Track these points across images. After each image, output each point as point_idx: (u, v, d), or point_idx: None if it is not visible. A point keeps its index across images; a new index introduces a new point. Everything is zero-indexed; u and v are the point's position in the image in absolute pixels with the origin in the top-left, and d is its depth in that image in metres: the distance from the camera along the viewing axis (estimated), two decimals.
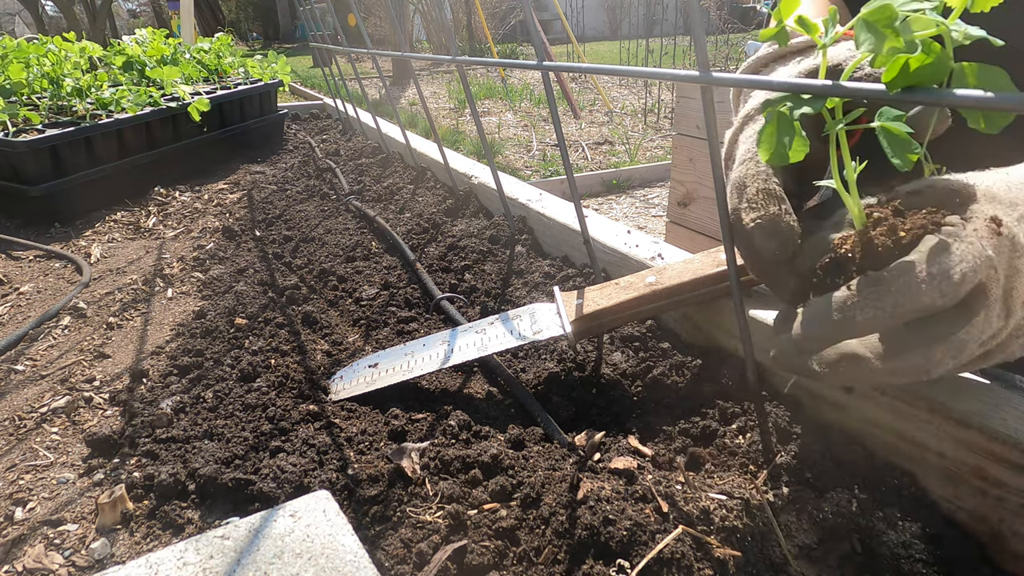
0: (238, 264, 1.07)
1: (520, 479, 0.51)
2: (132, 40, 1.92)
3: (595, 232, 0.85)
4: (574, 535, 0.46)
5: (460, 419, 0.60)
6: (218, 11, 15.68)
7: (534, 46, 0.68)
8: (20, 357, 0.83)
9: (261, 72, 2.09)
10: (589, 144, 5.82)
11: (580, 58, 8.28)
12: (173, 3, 10.70)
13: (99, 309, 0.96)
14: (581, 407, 0.63)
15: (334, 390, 0.69)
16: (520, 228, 1.02)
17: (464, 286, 0.90)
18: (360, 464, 0.56)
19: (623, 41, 10.21)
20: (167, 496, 0.55)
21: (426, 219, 1.14)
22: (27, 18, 14.88)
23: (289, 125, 2.30)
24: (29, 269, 1.15)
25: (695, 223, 2.47)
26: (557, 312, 0.66)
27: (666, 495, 0.50)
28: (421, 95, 1.19)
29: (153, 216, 1.40)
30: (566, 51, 10.41)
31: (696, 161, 2.37)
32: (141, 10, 17.64)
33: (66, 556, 0.52)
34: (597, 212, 1.87)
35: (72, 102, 1.53)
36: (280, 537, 0.45)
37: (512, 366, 0.72)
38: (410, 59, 1.13)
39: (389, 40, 10.65)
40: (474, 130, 6.31)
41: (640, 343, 0.71)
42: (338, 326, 0.85)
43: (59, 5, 10.90)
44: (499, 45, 11.90)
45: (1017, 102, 0.28)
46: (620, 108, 7.34)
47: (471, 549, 0.46)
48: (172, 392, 0.70)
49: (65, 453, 0.64)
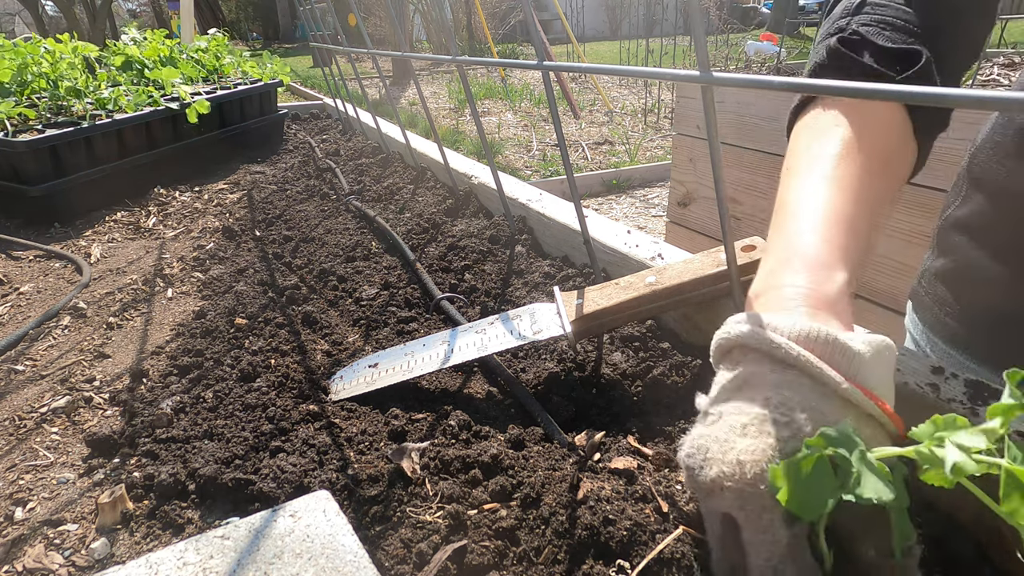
0: (238, 264, 1.07)
1: (520, 479, 0.51)
2: (130, 38, 1.92)
3: (595, 232, 0.85)
4: (574, 535, 0.46)
5: (460, 419, 0.60)
6: (218, 11, 15.69)
7: (534, 46, 0.68)
8: (20, 357, 0.83)
9: (260, 72, 2.09)
10: (589, 144, 5.82)
11: (580, 58, 8.28)
12: (173, 3, 10.70)
13: (99, 309, 0.96)
14: (581, 407, 0.63)
15: (334, 390, 0.69)
16: (520, 228, 1.02)
17: (464, 286, 0.90)
18: (360, 464, 0.56)
19: (623, 41, 10.22)
20: (167, 496, 0.55)
21: (426, 219, 1.14)
22: (27, 18, 14.88)
23: (289, 125, 2.30)
24: (29, 269, 1.15)
25: (695, 223, 2.47)
26: (557, 312, 0.66)
27: (666, 495, 0.50)
28: (421, 95, 1.19)
29: (153, 216, 1.40)
30: (566, 51, 10.41)
31: (696, 161, 2.37)
32: (141, 10, 17.65)
33: (66, 556, 0.52)
34: (597, 212, 1.87)
35: (71, 102, 1.53)
36: (280, 537, 0.45)
37: (512, 366, 0.72)
38: (410, 59, 1.13)
39: (389, 40, 10.65)
40: (474, 130, 6.31)
41: (640, 343, 0.71)
42: (338, 326, 0.85)
43: (59, 5, 10.90)
44: (499, 45, 11.90)
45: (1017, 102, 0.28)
46: (620, 108, 7.34)
47: (471, 549, 0.46)
48: (172, 392, 0.70)
49: (65, 453, 0.64)
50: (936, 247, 0.79)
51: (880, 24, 0.56)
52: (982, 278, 0.70)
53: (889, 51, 0.54)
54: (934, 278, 0.78)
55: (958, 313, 0.74)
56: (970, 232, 0.72)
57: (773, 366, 0.39)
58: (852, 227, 0.46)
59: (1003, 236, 0.68)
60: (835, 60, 0.56)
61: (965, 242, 0.73)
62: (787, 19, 7.39)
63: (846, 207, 0.47)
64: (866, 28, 0.56)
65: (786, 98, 0.58)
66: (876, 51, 0.55)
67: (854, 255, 0.46)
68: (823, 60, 0.57)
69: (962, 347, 0.74)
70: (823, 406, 0.37)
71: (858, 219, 0.47)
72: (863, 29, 0.56)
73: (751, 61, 6.40)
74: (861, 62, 0.54)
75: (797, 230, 0.47)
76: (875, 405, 0.37)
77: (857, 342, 0.39)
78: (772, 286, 0.44)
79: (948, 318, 0.75)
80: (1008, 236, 0.68)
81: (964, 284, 0.73)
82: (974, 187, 0.72)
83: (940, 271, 0.77)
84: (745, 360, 0.40)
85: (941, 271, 0.77)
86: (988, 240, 0.70)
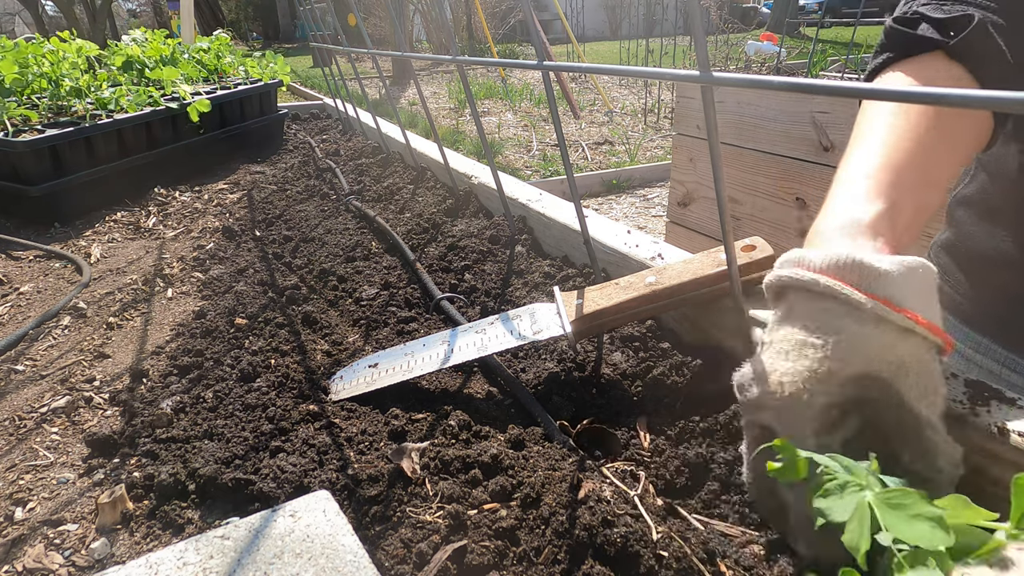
0: (238, 264, 1.07)
1: (520, 479, 0.51)
2: (131, 39, 1.92)
3: (595, 232, 0.85)
4: (574, 535, 0.46)
5: (460, 419, 0.60)
6: (218, 11, 15.69)
7: (534, 46, 0.68)
8: (20, 357, 0.83)
9: (261, 72, 2.09)
10: (589, 144, 5.82)
11: (580, 58, 8.28)
12: (173, 3, 10.70)
13: (99, 309, 0.96)
14: (581, 407, 0.63)
15: (334, 390, 0.69)
16: (520, 228, 1.02)
17: (464, 286, 0.90)
18: (360, 464, 0.56)
19: (623, 41, 10.21)
20: (167, 496, 0.55)
21: (426, 219, 1.14)
22: (27, 18, 14.88)
23: (289, 125, 2.30)
24: (29, 269, 1.15)
25: (695, 223, 2.47)
26: (557, 312, 0.66)
27: (666, 494, 0.50)
28: (421, 95, 1.19)
29: (153, 216, 1.40)
30: (566, 51, 10.41)
31: (696, 161, 2.37)
32: (141, 10, 17.65)
33: (66, 556, 0.52)
34: (597, 212, 1.87)
35: (71, 102, 1.53)
36: (280, 537, 0.45)
37: (512, 366, 0.72)
38: (410, 59, 1.13)
39: (389, 40, 10.65)
40: (474, 130, 6.31)
41: (640, 343, 0.71)
42: (338, 326, 0.85)
43: (59, 5, 10.91)
44: (499, 45, 11.90)
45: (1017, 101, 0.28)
46: (620, 108, 7.34)
47: (471, 549, 0.46)
48: (172, 392, 0.70)
49: (65, 453, 0.64)
50: (944, 222, 0.85)
51: (939, 1, 0.59)
52: (979, 248, 0.76)
53: (941, 20, 0.57)
54: (940, 249, 0.84)
55: (958, 281, 0.80)
56: (972, 207, 0.77)
57: (810, 296, 0.43)
58: (898, 172, 0.50)
59: (1001, 211, 0.73)
60: (890, 37, 0.60)
61: (967, 216, 0.78)
62: (787, 19, 7.39)
63: (893, 156, 0.51)
64: (924, 6, 0.60)
65: (786, 98, 0.59)
66: (931, 22, 0.58)
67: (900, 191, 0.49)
68: (882, 40, 0.61)
69: (960, 315, 0.80)
70: (856, 327, 0.40)
71: (906, 167, 0.51)
72: (921, 8, 0.60)
73: (751, 61, 6.40)
74: (915, 35, 0.58)
75: (846, 178, 0.52)
76: (906, 318, 0.40)
77: (885, 263, 0.41)
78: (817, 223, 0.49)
79: (948, 286, 0.81)
80: (1004, 210, 0.73)
81: (964, 254, 0.79)
82: (980, 167, 0.77)
83: (945, 243, 0.83)
84: (787, 296, 0.45)
85: (946, 243, 0.82)
86: (987, 214, 0.75)
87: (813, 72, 4.45)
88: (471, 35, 12.16)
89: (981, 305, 0.77)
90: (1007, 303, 0.73)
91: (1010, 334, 0.73)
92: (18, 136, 1.31)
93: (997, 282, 0.74)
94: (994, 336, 0.75)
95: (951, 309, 0.81)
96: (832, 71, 4.77)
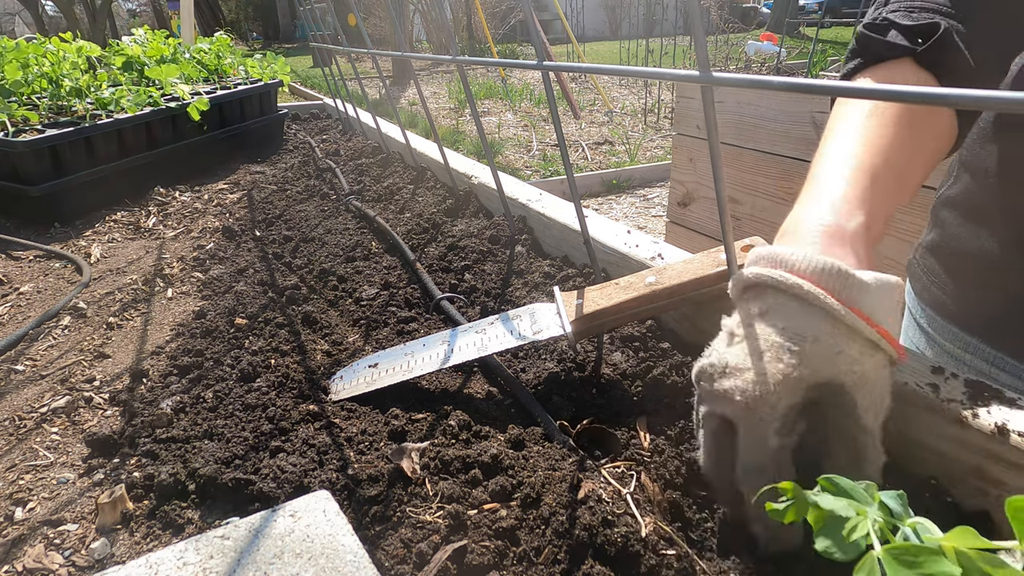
0: (238, 264, 1.07)
1: (520, 479, 0.51)
2: (131, 40, 1.92)
3: (595, 232, 0.85)
4: (574, 535, 0.46)
5: (460, 419, 0.60)
6: (218, 11, 15.69)
7: (534, 46, 0.68)
8: (20, 357, 0.83)
9: (261, 72, 2.09)
10: (589, 144, 5.82)
11: (580, 58, 8.28)
12: (173, 3, 10.71)
13: (99, 309, 0.96)
14: (581, 407, 0.63)
15: (334, 390, 0.69)
16: (520, 228, 1.02)
17: (464, 286, 0.90)
18: (360, 464, 0.56)
19: (623, 41, 10.21)
20: (167, 496, 0.55)
21: (426, 219, 1.14)
22: (27, 18, 14.89)
23: (289, 125, 2.30)
24: (29, 269, 1.15)
25: (695, 223, 2.47)
26: (557, 312, 0.66)
27: (665, 493, 0.50)
28: (421, 95, 1.19)
29: (153, 216, 1.40)
30: (566, 51, 10.41)
31: (696, 161, 2.37)
32: (141, 10, 17.66)
33: (66, 556, 0.52)
34: (597, 212, 1.87)
35: (72, 102, 1.53)
36: (280, 537, 0.45)
37: (512, 366, 0.72)
38: (410, 59, 1.13)
39: (389, 40, 10.65)
40: (474, 130, 6.31)
41: (640, 343, 0.71)
42: (338, 326, 0.85)
43: (59, 5, 10.91)
44: (499, 45, 11.90)
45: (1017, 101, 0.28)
46: (620, 108, 7.34)
47: (471, 549, 0.46)
48: (172, 392, 0.70)
49: (65, 453, 0.64)
50: (929, 223, 0.85)
51: (907, 9, 0.61)
52: (964, 249, 0.76)
53: (910, 28, 0.59)
54: (925, 251, 0.84)
55: (944, 282, 0.80)
56: (956, 208, 0.78)
57: (788, 299, 0.43)
58: (874, 176, 0.51)
59: (984, 211, 0.74)
60: (862, 42, 0.62)
61: (952, 217, 0.78)
62: (787, 19, 7.38)
63: (869, 158, 0.52)
64: (893, 13, 0.61)
65: (786, 98, 0.59)
66: (900, 29, 0.59)
67: (875, 201, 0.50)
68: (853, 45, 0.63)
69: (947, 315, 0.81)
70: (830, 337, 0.41)
71: (881, 170, 0.52)
72: (891, 15, 0.61)
73: (751, 61, 6.41)
74: (885, 40, 0.59)
75: (823, 177, 0.53)
76: (874, 331, 0.41)
77: (867, 276, 0.42)
78: (796, 221, 0.50)
79: (934, 287, 0.81)
80: (988, 210, 0.74)
81: (949, 255, 0.79)
82: (963, 168, 0.77)
83: (930, 244, 0.83)
84: (765, 295, 0.45)
85: (931, 244, 0.83)
86: (971, 215, 0.76)
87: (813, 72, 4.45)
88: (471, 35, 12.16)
89: (968, 305, 0.77)
90: (993, 302, 0.74)
91: (997, 333, 0.74)
92: (18, 136, 1.31)
93: (983, 282, 0.75)
94: (982, 336, 0.75)
95: (938, 309, 0.81)
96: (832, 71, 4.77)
